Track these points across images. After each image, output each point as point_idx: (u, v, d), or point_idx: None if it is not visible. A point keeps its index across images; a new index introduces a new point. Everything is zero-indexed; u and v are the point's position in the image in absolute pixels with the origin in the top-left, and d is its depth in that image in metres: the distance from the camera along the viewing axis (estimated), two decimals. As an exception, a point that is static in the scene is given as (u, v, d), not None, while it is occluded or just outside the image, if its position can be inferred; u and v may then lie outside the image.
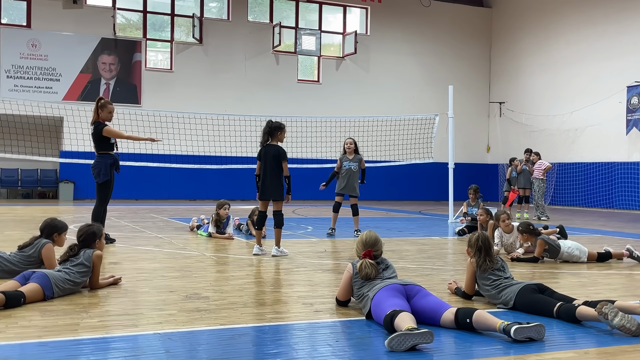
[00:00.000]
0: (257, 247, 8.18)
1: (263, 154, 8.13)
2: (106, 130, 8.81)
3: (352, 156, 11.07)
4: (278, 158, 8.02)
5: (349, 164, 11.01)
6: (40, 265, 5.88)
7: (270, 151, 8.06)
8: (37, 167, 21.83)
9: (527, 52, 25.59)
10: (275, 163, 8.02)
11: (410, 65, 26.47)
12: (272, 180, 8.03)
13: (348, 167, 10.99)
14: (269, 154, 8.05)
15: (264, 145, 8.17)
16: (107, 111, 8.97)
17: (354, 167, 10.98)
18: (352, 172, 10.96)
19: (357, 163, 11.03)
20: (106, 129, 8.81)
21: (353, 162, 11.02)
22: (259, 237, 8.29)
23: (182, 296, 5.35)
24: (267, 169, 8.06)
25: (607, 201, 21.70)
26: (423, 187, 25.75)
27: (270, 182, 8.04)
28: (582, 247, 8.04)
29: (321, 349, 3.90)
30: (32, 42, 21.39)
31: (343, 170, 11.03)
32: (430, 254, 8.72)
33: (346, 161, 11.06)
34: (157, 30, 23.62)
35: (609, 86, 21.63)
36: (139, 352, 3.70)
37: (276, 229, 8.08)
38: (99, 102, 9.00)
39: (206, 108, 21.97)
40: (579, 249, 8.00)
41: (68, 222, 8.43)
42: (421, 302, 4.49)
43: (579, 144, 23.01)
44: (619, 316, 4.22)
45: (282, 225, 8.13)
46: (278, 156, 8.02)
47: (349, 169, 10.98)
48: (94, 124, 8.92)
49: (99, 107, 8.94)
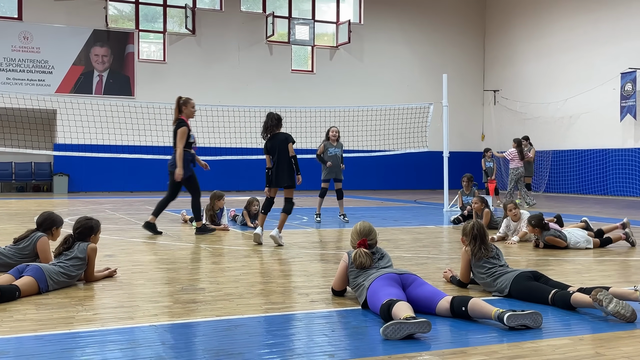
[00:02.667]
0: (259, 228, 8.30)
1: (271, 144, 8.26)
2: (181, 131, 8.96)
3: (336, 143, 11.71)
4: (286, 141, 8.20)
5: (334, 150, 11.64)
6: (35, 258, 5.86)
7: (280, 138, 8.24)
8: (31, 160, 21.75)
9: (521, 40, 25.57)
10: (284, 148, 8.19)
11: (405, 54, 26.42)
12: (286, 167, 8.20)
13: (334, 153, 11.61)
14: (279, 140, 8.21)
15: (271, 135, 8.27)
16: (190, 106, 9.24)
17: (339, 152, 11.67)
18: (338, 157, 11.64)
19: (340, 149, 11.73)
20: (181, 130, 8.96)
21: (337, 149, 11.68)
22: (262, 220, 8.40)
23: (178, 288, 5.35)
24: (281, 157, 8.20)
25: (602, 188, 21.76)
26: (418, 176, 25.78)
27: (283, 169, 8.19)
28: (588, 238, 8.20)
29: (317, 338, 3.91)
30: (24, 34, 21.26)
31: (329, 156, 11.55)
32: (426, 242, 8.73)
33: (331, 147, 11.64)
34: (150, 22, 23.50)
35: (603, 73, 21.65)
36: (135, 345, 3.70)
37: (283, 214, 8.22)
38: (180, 99, 9.24)
39: (200, 99, 21.82)
40: (586, 239, 8.16)
41: (63, 215, 8.41)
42: (417, 291, 4.50)
43: (573, 131, 23.04)
44: (614, 302, 4.24)
45: (290, 213, 8.30)
46: (286, 140, 8.21)
47: (334, 155, 11.60)
48: (177, 121, 9.09)
49: (181, 104, 9.17)
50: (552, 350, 3.64)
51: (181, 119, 9.14)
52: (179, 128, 9.03)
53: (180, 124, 9.06)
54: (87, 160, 20.08)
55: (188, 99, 9.31)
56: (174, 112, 9.24)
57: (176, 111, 9.21)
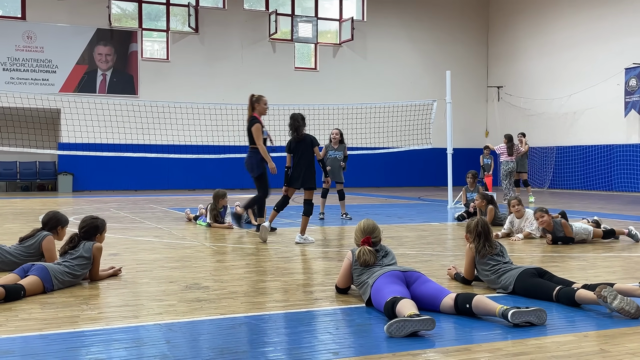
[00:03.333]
0: (269, 223, 8.42)
1: (296, 145, 8.37)
2: (255, 128, 9.04)
3: (337, 146, 12.01)
4: (312, 145, 8.37)
5: (334, 153, 11.96)
6: (40, 257, 5.88)
7: (306, 140, 8.38)
8: (35, 160, 21.81)
9: (524, 36, 25.50)
10: (312, 151, 8.37)
11: (408, 51, 26.38)
12: (309, 169, 8.32)
13: (333, 156, 11.93)
14: (305, 142, 8.36)
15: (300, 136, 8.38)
16: (262, 103, 9.30)
17: (339, 156, 11.97)
18: (337, 160, 11.92)
19: (341, 152, 12.01)
20: (255, 127, 9.04)
21: (337, 152, 11.99)
22: (272, 217, 8.55)
23: (182, 286, 5.36)
24: (303, 159, 8.32)
25: (606, 184, 21.71)
26: (422, 173, 25.75)
27: (304, 170, 8.30)
28: (588, 227, 8.33)
29: (321, 336, 3.91)
30: (28, 34, 21.30)
31: (328, 159, 11.82)
32: (430, 239, 8.73)
33: (331, 150, 11.97)
34: (153, 20, 23.52)
35: (607, 68, 21.58)
36: (139, 343, 3.71)
37: (304, 217, 8.29)
38: (252, 97, 9.32)
39: (203, 97, 21.93)
40: (585, 229, 8.29)
41: (68, 214, 8.43)
42: (421, 288, 4.49)
43: (577, 127, 22.99)
44: (618, 299, 4.23)
45: (311, 214, 8.36)
46: (311, 143, 8.37)
47: (333, 158, 11.90)
48: (250, 118, 9.19)
49: (254, 102, 9.25)
50: (556, 347, 3.64)
51: (254, 116, 9.22)
52: (252, 125, 9.09)
53: (253, 121, 9.14)
54: (92, 159, 20.12)
55: (260, 96, 9.37)
56: (247, 110, 9.34)
57: (249, 109, 9.31)
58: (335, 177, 11.81)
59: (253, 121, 9.12)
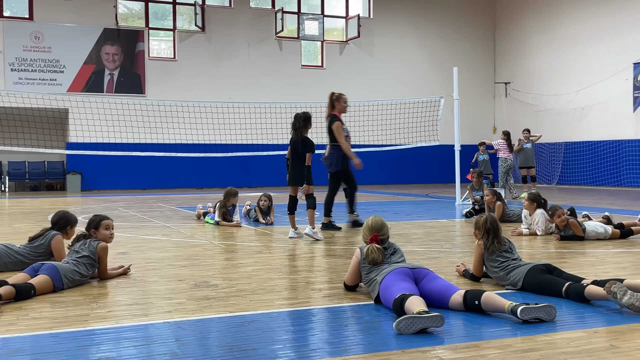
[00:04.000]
0: (292, 231, 8.49)
1: (294, 143, 8.51)
2: (335, 126, 9.11)
3: None
4: (305, 149, 8.41)
5: None
6: (49, 257, 5.91)
7: (303, 142, 8.46)
8: (44, 159, 21.91)
9: (532, 31, 25.40)
10: (303, 153, 8.42)
11: (414, 47, 26.34)
12: (299, 168, 8.43)
13: None
14: (301, 144, 8.45)
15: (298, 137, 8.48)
16: (342, 101, 9.39)
17: None
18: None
19: None
20: (335, 125, 9.14)
21: None
22: (292, 221, 8.59)
23: (191, 285, 5.37)
24: (296, 159, 8.48)
25: (616, 179, 21.61)
26: (429, 170, 25.71)
27: (297, 169, 8.44)
28: (607, 227, 8.23)
29: (330, 334, 3.91)
30: (35, 34, 21.39)
31: None
32: (438, 236, 8.71)
33: None
34: (160, 19, 23.57)
35: (615, 63, 21.48)
36: (149, 342, 3.73)
37: (309, 210, 8.41)
38: (332, 95, 9.43)
39: (210, 96, 21.97)
40: (603, 226, 8.23)
41: (77, 213, 8.47)
42: (429, 285, 4.49)
43: (585, 123, 22.89)
44: (628, 295, 4.21)
45: (314, 207, 8.46)
46: (306, 147, 8.41)
47: None
48: (329, 116, 9.27)
49: (334, 100, 9.36)
50: (566, 343, 3.63)
51: (334, 114, 9.29)
52: (333, 123, 9.17)
53: (333, 120, 9.22)
54: (100, 159, 20.19)
55: (341, 94, 9.42)
56: (327, 108, 9.42)
57: (329, 107, 9.39)
58: None
59: (333, 119, 9.22)
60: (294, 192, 8.65)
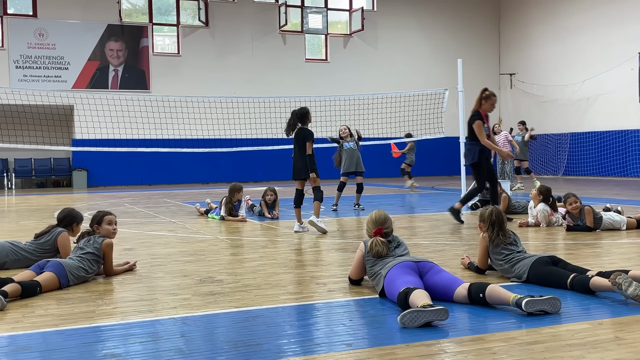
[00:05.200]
0: (298, 225, 8.55)
1: (295, 137, 8.61)
2: (476, 124, 9.09)
3: (350, 138, 12.05)
4: (304, 139, 8.45)
5: (348, 144, 11.98)
6: (55, 254, 5.94)
7: (300, 134, 8.52)
8: (50, 156, 21.98)
9: (536, 22, 25.28)
10: (303, 144, 8.47)
11: (419, 39, 26.25)
12: (302, 161, 8.48)
13: (348, 147, 11.93)
14: (299, 136, 8.52)
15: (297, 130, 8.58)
16: (490, 103, 9.30)
17: (353, 145, 11.95)
18: (354, 150, 11.92)
19: (354, 142, 12.03)
20: (476, 124, 9.10)
21: (351, 142, 11.99)
22: (298, 215, 8.63)
23: (196, 280, 5.39)
24: (297, 151, 8.55)
25: (622, 169, 21.53)
26: (435, 162, 25.64)
27: (300, 162, 8.49)
28: (623, 218, 8.20)
29: (335, 328, 3.92)
30: (39, 31, 21.42)
31: (345, 151, 11.89)
32: (443, 229, 8.71)
33: (345, 142, 12.01)
34: (163, 15, 23.56)
35: (620, 53, 21.36)
36: (155, 338, 3.74)
37: (315, 202, 8.49)
38: (484, 92, 9.34)
39: (215, 91, 21.97)
40: (619, 216, 8.22)
41: (83, 210, 8.50)
42: (434, 278, 4.49)
43: (591, 113, 22.79)
44: (633, 286, 4.20)
45: (321, 199, 8.53)
46: (304, 137, 8.46)
47: (349, 149, 11.91)
48: (473, 113, 9.30)
49: (483, 98, 9.28)
50: (571, 335, 3.63)
51: (477, 111, 9.26)
52: (474, 122, 9.13)
53: (475, 117, 9.18)
54: (105, 155, 20.25)
55: (491, 94, 9.32)
56: (475, 102, 9.31)
57: (477, 102, 9.27)
58: (357, 167, 11.88)
59: (475, 117, 9.19)
60: (300, 186, 8.67)
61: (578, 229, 8.04)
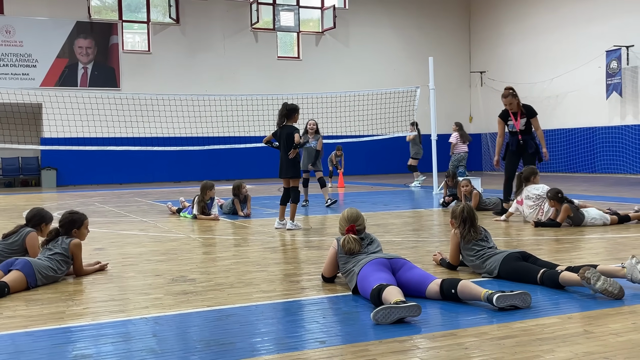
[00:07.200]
0: (278, 222, 8.66)
1: (279, 134, 8.61)
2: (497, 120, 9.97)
3: (313, 136, 12.14)
4: (288, 137, 8.45)
5: (310, 142, 12.08)
6: (24, 254, 5.83)
7: (286, 131, 8.51)
8: (18, 155, 21.61)
9: (507, 20, 25.55)
10: (289, 142, 8.43)
11: (390, 38, 26.36)
12: (287, 160, 8.48)
13: (309, 145, 12.05)
14: (285, 134, 8.50)
15: (280, 126, 8.60)
16: (505, 102, 9.96)
17: (314, 145, 12.08)
18: (314, 150, 12.06)
19: (316, 142, 12.13)
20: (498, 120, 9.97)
21: (314, 141, 12.11)
22: (282, 212, 8.69)
23: (169, 279, 5.35)
24: (282, 149, 8.53)
25: (590, 166, 21.89)
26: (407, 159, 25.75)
27: (285, 161, 8.49)
28: (605, 215, 8.32)
29: (309, 325, 3.92)
30: (6, 28, 21.04)
31: (305, 149, 11.97)
32: (416, 226, 8.77)
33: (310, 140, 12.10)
34: (133, 12, 23.30)
35: (588, 51, 21.70)
36: (126, 338, 3.71)
37: (291, 204, 8.55)
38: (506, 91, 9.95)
39: (186, 89, 21.82)
40: (602, 217, 8.30)
41: (52, 209, 8.38)
42: (406, 275, 4.52)
43: (560, 110, 23.11)
44: (601, 280, 4.27)
45: (298, 201, 8.63)
46: (288, 134, 8.46)
47: (310, 147, 12.05)
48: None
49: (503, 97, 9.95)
50: (541, 330, 3.68)
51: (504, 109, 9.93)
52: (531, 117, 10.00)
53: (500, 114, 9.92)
54: (75, 154, 19.96)
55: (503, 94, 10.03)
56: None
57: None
58: (313, 166, 12.11)
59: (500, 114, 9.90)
60: (287, 184, 8.67)
61: (547, 225, 8.17)
